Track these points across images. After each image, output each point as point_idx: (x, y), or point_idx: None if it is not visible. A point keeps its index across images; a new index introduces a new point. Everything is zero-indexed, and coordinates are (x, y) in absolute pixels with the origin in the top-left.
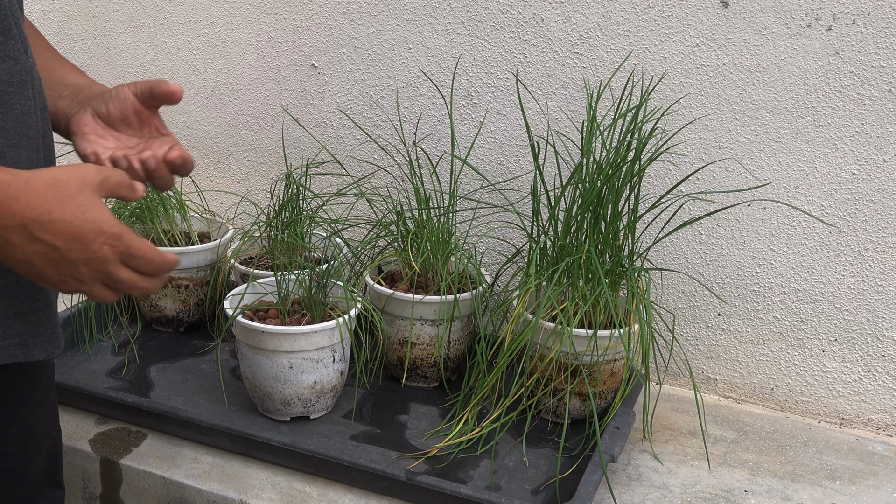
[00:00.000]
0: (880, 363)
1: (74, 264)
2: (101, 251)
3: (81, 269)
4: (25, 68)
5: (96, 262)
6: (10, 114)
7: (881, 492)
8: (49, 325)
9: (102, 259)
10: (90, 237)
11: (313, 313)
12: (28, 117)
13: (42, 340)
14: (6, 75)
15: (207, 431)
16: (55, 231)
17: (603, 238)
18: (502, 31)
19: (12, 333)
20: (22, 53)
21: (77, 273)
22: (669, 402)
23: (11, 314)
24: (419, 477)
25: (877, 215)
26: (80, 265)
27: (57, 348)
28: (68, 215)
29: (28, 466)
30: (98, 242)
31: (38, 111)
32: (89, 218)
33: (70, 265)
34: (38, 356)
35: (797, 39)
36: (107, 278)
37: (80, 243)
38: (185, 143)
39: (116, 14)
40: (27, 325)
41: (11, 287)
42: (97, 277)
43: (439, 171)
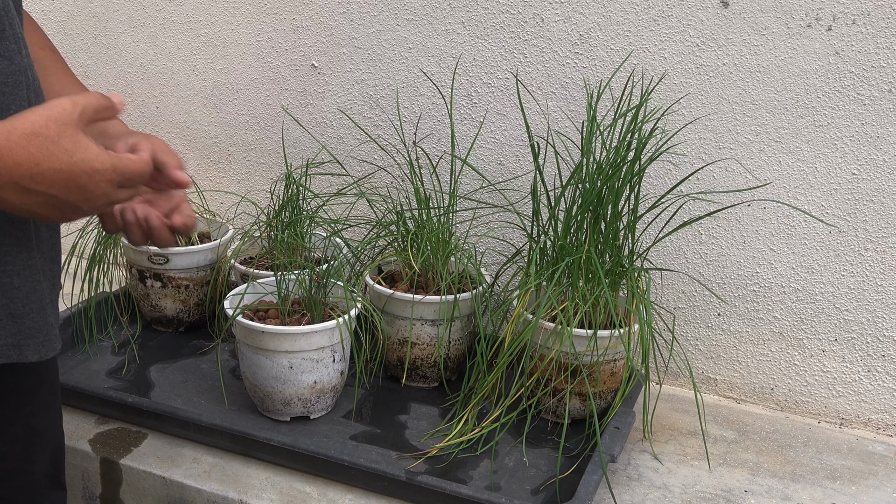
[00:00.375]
0: (880, 363)
1: (76, 205)
2: (97, 189)
3: (83, 208)
4: (20, 68)
5: (96, 198)
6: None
7: (881, 492)
8: (43, 326)
9: (101, 195)
10: (84, 180)
11: (313, 313)
12: None
13: (35, 342)
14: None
15: (207, 431)
16: (47, 182)
17: (603, 238)
18: (502, 31)
19: (5, 334)
20: (17, 53)
21: (79, 211)
22: (669, 402)
23: (4, 315)
24: (419, 477)
25: (877, 215)
26: (80, 205)
27: (51, 350)
28: (56, 163)
29: (30, 467)
30: (94, 182)
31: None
32: (77, 160)
33: (71, 207)
34: (31, 357)
35: (797, 39)
36: (108, 203)
37: (75, 187)
38: (185, 143)
39: (116, 14)
40: (20, 326)
41: (4, 288)
42: (100, 207)
43: (439, 171)
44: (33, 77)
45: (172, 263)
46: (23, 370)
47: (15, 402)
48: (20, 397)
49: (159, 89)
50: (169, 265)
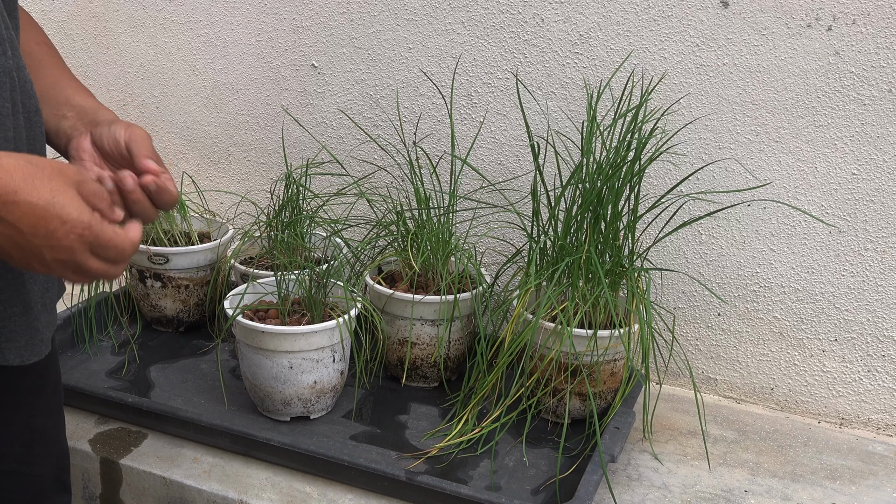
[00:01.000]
0: (880, 363)
1: (39, 250)
2: (66, 240)
3: (46, 257)
4: (5, 70)
5: (62, 250)
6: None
7: (881, 492)
8: (26, 330)
9: (68, 248)
10: (55, 225)
11: (313, 313)
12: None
13: (17, 345)
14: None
15: (207, 431)
16: (19, 213)
17: (603, 238)
18: (502, 31)
19: None
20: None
21: (41, 257)
22: (669, 402)
23: None
24: (419, 477)
25: (877, 215)
26: (44, 252)
27: (34, 354)
28: (35, 197)
29: (32, 470)
30: (63, 231)
31: (19, 113)
32: (57, 202)
33: (35, 251)
34: (12, 360)
35: (797, 39)
36: (75, 267)
37: (44, 230)
38: (185, 143)
39: (116, 14)
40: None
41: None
42: (64, 265)
43: (439, 171)
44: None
45: (172, 263)
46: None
47: (12, 402)
48: (17, 398)
49: (159, 89)
50: (169, 265)
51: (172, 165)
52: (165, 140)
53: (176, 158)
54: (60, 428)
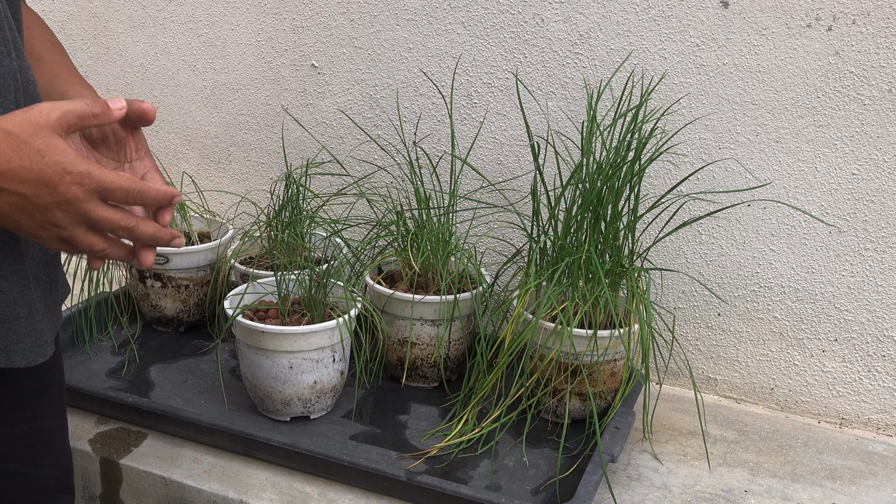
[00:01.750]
0: (880, 363)
1: (48, 209)
2: (69, 192)
3: (56, 214)
4: (9, 71)
5: (67, 203)
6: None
7: (881, 492)
8: (31, 331)
9: (73, 200)
10: (55, 179)
11: (313, 313)
12: None
13: (23, 347)
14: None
15: (207, 431)
16: (18, 179)
17: (603, 238)
18: (502, 31)
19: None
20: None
21: (53, 218)
22: (669, 402)
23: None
24: (419, 477)
25: (877, 215)
26: (53, 209)
27: (40, 356)
28: (27, 161)
29: (36, 471)
30: (65, 184)
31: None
32: (49, 161)
33: (44, 210)
34: (18, 363)
35: (797, 39)
36: (85, 219)
37: (46, 187)
38: (185, 143)
39: (116, 14)
40: (7, 331)
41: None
42: (75, 220)
43: (439, 171)
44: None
45: (172, 263)
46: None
47: (16, 404)
48: (21, 399)
49: (159, 89)
50: (169, 265)
51: (172, 165)
52: (165, 140)
53: (176, 158)
54: (64, 429)
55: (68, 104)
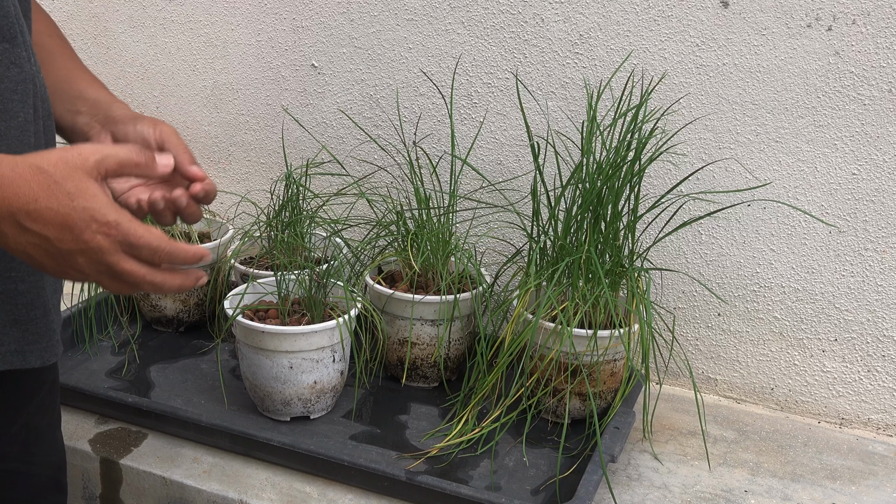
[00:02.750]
0: (880, 363)
1: (70, 255)
2: (94, 241)
3: (79, 260)
4: (29, 76)
5: (92, 252)
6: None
7: (881, 492)
8: (46, 332)
9: (97, 250)
10: (80, 226)
11: (313, 313)
12: (29, 125)
13: (38, 347)
14: (11, 83)
15: (207, 431)
16: (43, 220)
17: (603, 238)
18: (502, 31)
19: (9, 341)
20: (26, 61)
21: (76, 264)
22: (669, 402)
23: (8, 321)
24: (419, 477)
25: (877, 215)
26: (76, 256)
27: (53, 356)
28: (54, 203)
29: (31, 469)
30: (90, 231)
31: (40, 119)
32: (77, 206)
33: (66, 256)
34: (33, 363)
35: (797, 39)
36: (108, 271)
37: (70, 233)
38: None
39: (116, 14)
40: (24, 333)
41: (9, 294)
42: (99, 269)
43: (439, 171)
44: (40, 84)
45: None
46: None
47: (15, 402)
48: (20, 398)
49: (159, 89)
50: None
51: None
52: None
53: None
54: (56, 426)
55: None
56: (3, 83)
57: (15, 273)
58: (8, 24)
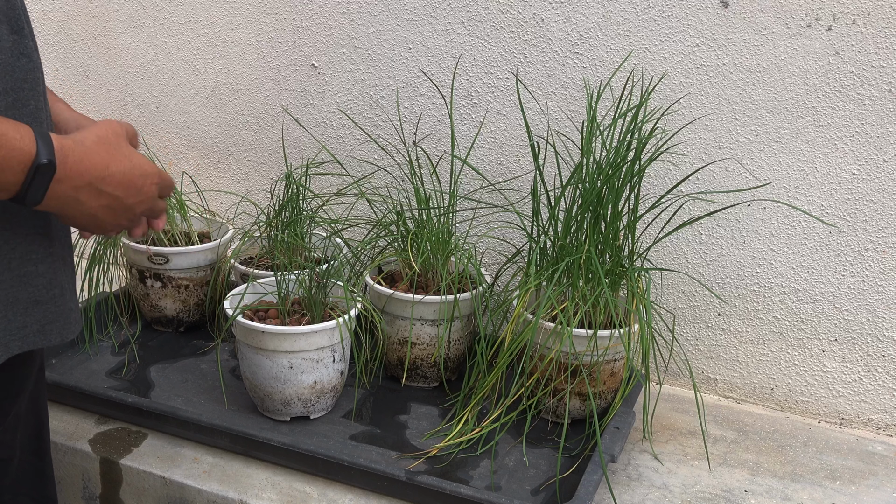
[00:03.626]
0: (880, 363)
1: (132, 208)
2: (150, 191)
3: (136, 210)
4: (37, 66)
5: (148, 200)
6: (25, 110)
7: (881, 492)
8: (63, 311)
9: (152, 197)
10: (140, 182)
11: (313, 313)
12: (41, 113)
13: (58, 326)
14: (21, 73)
15: (207, 431)
16: (115, 183)
17: (603, 238)
18: (502, 31)
19: (32, 321)
20: (34, 51)
21: (132, 214)
22: (669, 402)
23: (31, 302)
24: (419, 477)
25: (877, 215)
26: (135, 207)
27: (71, 332)
28: (121, 166)
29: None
30: (148, 184)
31: (47, 108)
32: (136, 164)
33: (128, 209)
34: (54, 341)
35: (797, 39)
36: (150, 212)
37: (134, 189)
38: (185, 143)
39: (116, 14)
40: (45, 312)
41: (29, 276)
42: (144, 213)
43: (439, 171)
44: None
45: (172, 263)
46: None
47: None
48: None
49: (159, 89)
50: (169, 265)
51: (172, 166)
52: (165, 140)
53: (176, 158)
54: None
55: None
56: (15, 73)
57: (34, 255)
58: (16, 16)
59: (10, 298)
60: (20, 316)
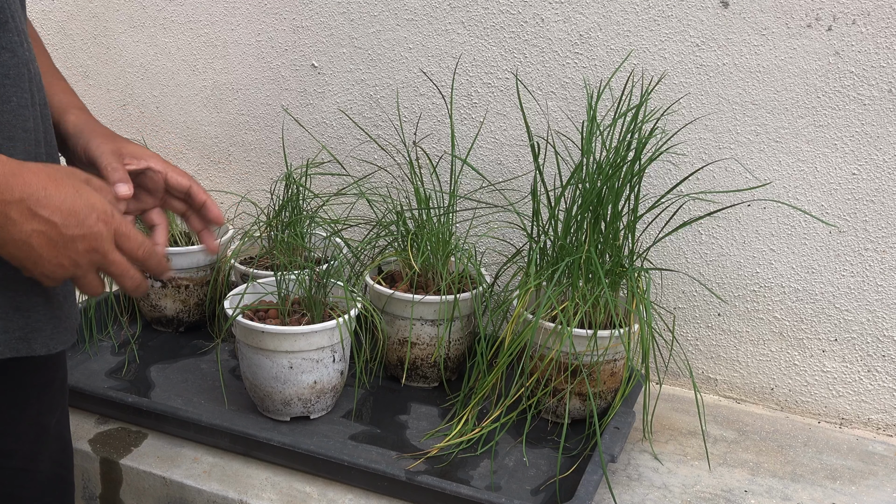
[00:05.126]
0: (880, 363)
1: (73, 241)
2: (96, 226)
3: (79, 247)
4: (23, 61)
5: (92, 238)
6: (6, 106)
7: (881, 492)
8: (51, 320)
9: (98, 235)
10: (85, 212)
11: (313, 313)
12: (24, 110)
13: (43, 335)
14: (3, 67)
15: (207, 431)
16: (52, 206)
17: (603, 238)
18: (502, 31)
19: (13, 327)
20: (19, 46)
21: (74, 253)
22: (669, 402)
23: (10, 308)
24: (419, 477)
25: (877, 215)
26: (77, 242)
27: (60, 344)
28: (63, 193)
29: (38, 466)
30: (92, 218)
31: (36, 105)
32: (83, 195)
33: (68, 243)
34: (39, 351)
35: (797, 39)
36: (101, 259)
37: (75, 218)
38: (185, 143)
39: (116, 14)
40: (27, 320)
41: (8, 281)
42: (92, 259)
43: (439, 171)
44: (35, 71)
45: (172, 263)
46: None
47: (22, 399)
48: (27, 395)
49: (159, 89)
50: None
51: None
52: (165, 140)
53: (176, 158)
54: (65, 425)
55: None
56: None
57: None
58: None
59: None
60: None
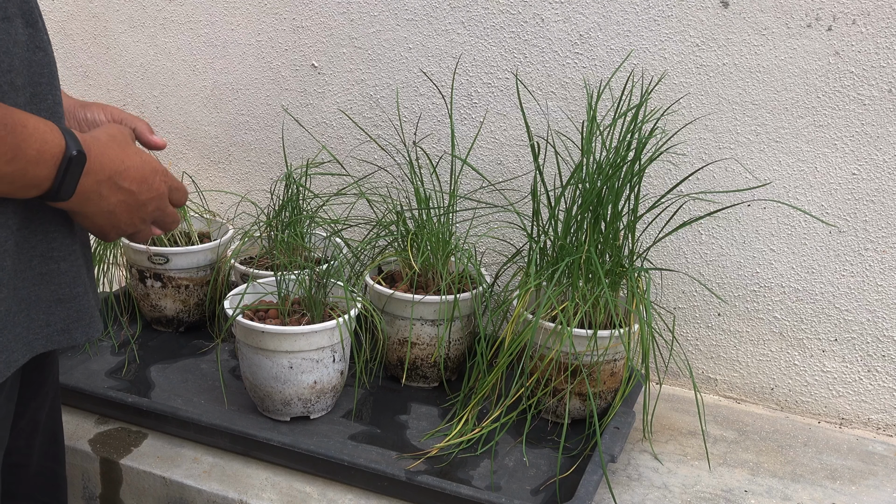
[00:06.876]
0: (880, 363)
1: (145, 205)
2: (161, 188)
3: (149, 208)
4: (52, 60)
5: (158, 199)
6: (43, 104)
7: (881, 492)
8: (87, 309)
9: (162, 195)
10: (152, 177)
11: (313, 313)
12: (58, 107)
13: (82, 324)
14: (38, 66)
15: (207, 431)
16: (130, 177)
17: (603, 238)
18: (502, 31)
19: (55, 320)
20: (48, 45)
21: (145, 213)
22: (669, 402)
23: (54, 301)
24: (419, 477)
25: (877, 215)
26: (148, 205)
27: (95, 331)
28: (134, 161)
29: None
30: (157, 180)
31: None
32: (146, 160)
33: (141, 206)
34: (79, 340)
35: (797, 39)
36: (161, 214)
37: (147, 184)
38: (185, 143)
39: (116, 14)
40: (68, 311)
41: (53, 274)
42: (155, 216)
43: (439, 171)
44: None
45: (172, 263)
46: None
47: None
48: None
49: (159, 89)
50: (169, 265)
51: (172, 165)
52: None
53: (176, 158)
54: (57, 420)
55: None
56: (32, 67)
57: (56, 253)
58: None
59: (32, 297)
60: (42, 314)
